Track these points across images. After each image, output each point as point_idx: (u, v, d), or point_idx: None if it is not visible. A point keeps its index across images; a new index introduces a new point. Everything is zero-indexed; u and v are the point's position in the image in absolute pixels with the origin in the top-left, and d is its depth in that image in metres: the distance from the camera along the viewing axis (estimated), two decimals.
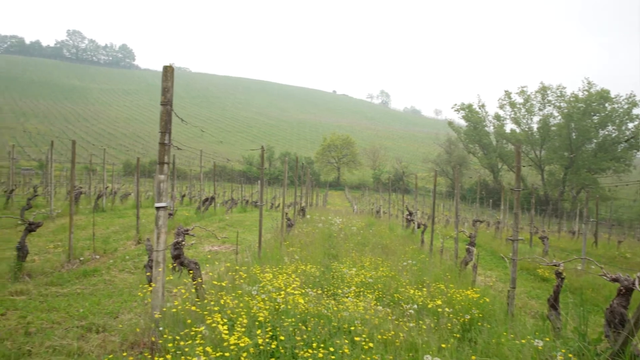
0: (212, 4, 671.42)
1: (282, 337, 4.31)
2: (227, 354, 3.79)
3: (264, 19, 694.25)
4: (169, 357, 3.79)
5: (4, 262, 8.65)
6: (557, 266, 5.96)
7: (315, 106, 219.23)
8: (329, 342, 4.44)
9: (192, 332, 4.19)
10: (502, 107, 75.58)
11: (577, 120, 62.93)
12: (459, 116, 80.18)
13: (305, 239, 11.72)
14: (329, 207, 41.16)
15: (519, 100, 73.30)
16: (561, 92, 68.71)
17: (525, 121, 73.91)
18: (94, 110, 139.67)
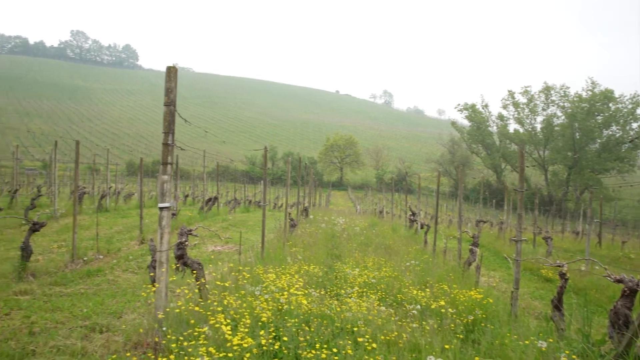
0: (215, 4, 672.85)
1: (285, 338, 4.31)
2: (230, 355, 3.79)
3: (267, 19, 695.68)
4: (172, 357, 3.79)
5: (8, 262, 8.69)
6: (560, 267, 5.94)
7: (318, 106, 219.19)
8: (332, 343, 4.44)
9: (196, 333, 4.19)
10: (505, 107, 75.54)
11: (580, 120, 62.80)
12: (462, 116, 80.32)
13: (308, 239, 11.73)
14: (332, 207, 41.17)
15: (523, 100, 73.28)
16: (565, 92, 68.62)
17: (528, 121, 73.87)
18: (98, 110, 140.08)
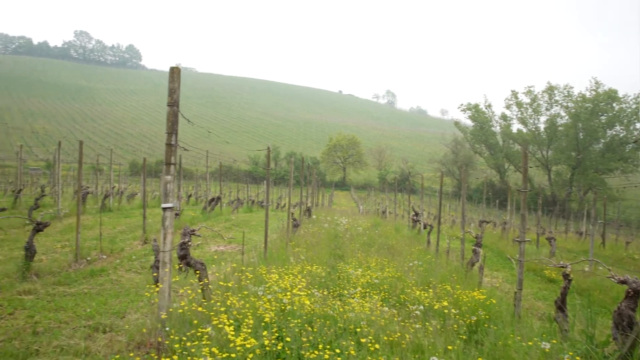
0: (218, 5, 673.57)
1: (288, 338, 4.31)
2: (233, 355, 3.79)
3: (270, 19, 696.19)
4: (175, 357, 3.80)
5: (12, 262, 8.72)
6: (564, 268, 5.92)
7: (321, 106, 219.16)
8: (335, 344, 4.44)
9: (199, 333, 4.20)
10: (508, 107, 75.34)
11: (584, 120, 62.55)
12: (466, 116, 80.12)
13: (311, 239, 11.73)
14: (334, 207, 41.14)
15: (526, 100, 73.03)
16: (568, 91, 68.33)
17: (532, 121, 73.60)
18: (101, 110, 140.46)
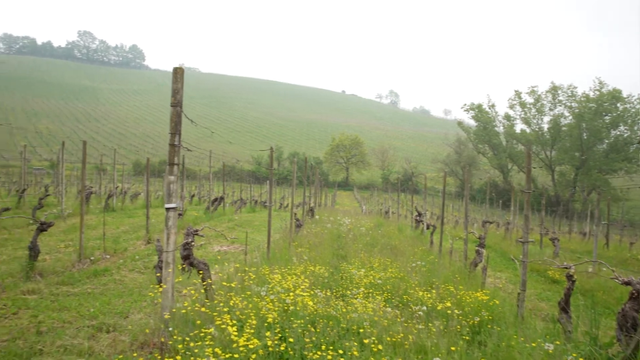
0: (222, 5, 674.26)
1: (291, 339, 4.31)
2: (236, 356, 3.79)
3: (273, 19, 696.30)
4: (178, 358, 3.80)
5: (16, 262, 8.75)
6: (568, 269, 5.91)
7: (324, 106, 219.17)
8: (337, 344, 4.43)
9: (202, 333, 4.20)
10: (512, 107, 75.16)
11: (588, 120, 62.35)
12: (469, 116, 79.97)
13: (314, 240, 11.72)
14: (337, 207, 41.12)
15: (529, 100, 72.83)
16: (572, 91, 68.12)
17: (535, 121, 73.41)
18: (105, 110, 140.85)
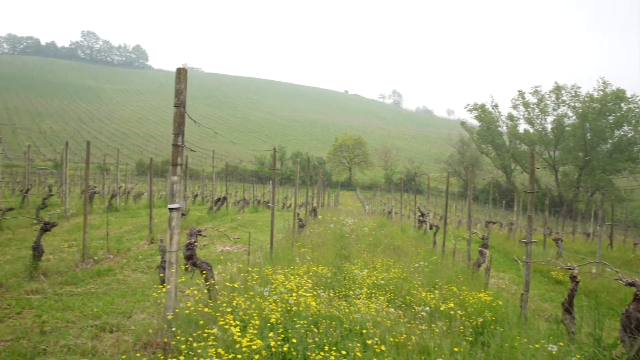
0: (224, 5, 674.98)
1: (294, 340, 4.31)
2: (239, 356, 3.79)
3: (276, 19, 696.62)
4: (181, 358, 3.80)
5: (20, 261, 8.78)
6: (571, 269, 5.89)
7: (327, 106, 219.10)
8: (340, 345, 4.43)
9: (205, 334, 4.20)
10: (515, 107, 75.05)
11: (592, 120, 62.18)
12: (472, 116, 79.90)
13: (316, 240, 11.72)
14: (340, 207, 41.12)
15: (533, 100, 72.72)
16: (576, 91, 67.96)
17: (539, 121, 73.29)
18: (108, 110, 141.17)
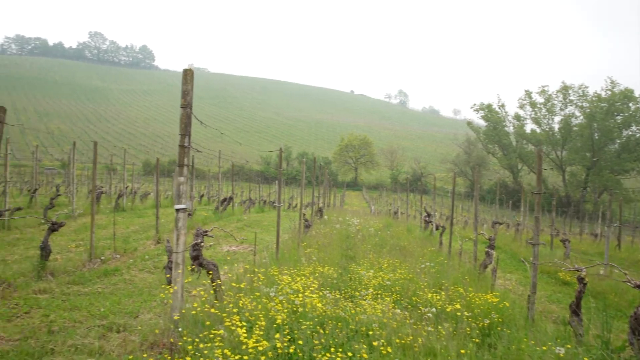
0: (230, 5, 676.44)
1: (300, 341, 4.30)
2: (245, 357, 3.79)
3: (282, 19, 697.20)
4: (188, 359, 3.82)
5: (28, 261, 8.84)
6: (579, 271, 5.85)
7: (332, 106, 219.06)
8: (346, 346, 4.42)
9: (211, 334, 4.21)
10: (522, 107, 74.60)
11: (599, 120, 61.72)
12: (478, 116, 79.49)
13: (322, 240, 11.71)
14: (346, 207, 41.07)
15: (540, 100, 72.23)
16: (583, 91, 67.48)
17: (546, 121, 72.81)
18: (115, 110, 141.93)
